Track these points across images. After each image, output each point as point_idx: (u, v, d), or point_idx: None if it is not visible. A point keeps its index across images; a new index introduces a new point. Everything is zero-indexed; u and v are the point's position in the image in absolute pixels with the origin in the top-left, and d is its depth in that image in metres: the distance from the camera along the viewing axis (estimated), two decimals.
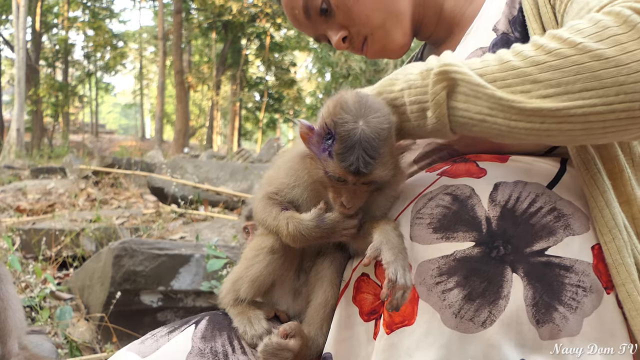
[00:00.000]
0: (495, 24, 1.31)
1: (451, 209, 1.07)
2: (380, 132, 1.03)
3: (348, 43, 1.49)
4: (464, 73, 1.00)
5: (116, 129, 57.66)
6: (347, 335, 1.15)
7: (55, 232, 4.46)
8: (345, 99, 1.06)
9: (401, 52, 1.51)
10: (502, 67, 0.99)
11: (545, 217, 1.06)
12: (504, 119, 0.98)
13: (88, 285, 3.51)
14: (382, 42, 1.47)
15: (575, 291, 1.01)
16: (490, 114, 0.99)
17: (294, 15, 1.49)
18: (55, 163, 12.71)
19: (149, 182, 6.97)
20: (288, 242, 1.17)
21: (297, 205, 1.21)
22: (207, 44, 31.07)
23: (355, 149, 1.01)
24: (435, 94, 1.02)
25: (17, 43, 19.11)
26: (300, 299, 1.30)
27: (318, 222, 1.12)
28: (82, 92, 36.85)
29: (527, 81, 0.96)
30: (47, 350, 1.94)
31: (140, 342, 1.25)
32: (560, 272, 1.02)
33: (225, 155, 14.24)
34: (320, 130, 1.07)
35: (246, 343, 1.22)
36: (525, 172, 1.13)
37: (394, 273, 0.99)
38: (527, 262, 1.01)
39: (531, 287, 1.00)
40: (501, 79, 0.98)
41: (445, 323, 0.99)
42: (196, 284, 3.38)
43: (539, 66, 0.96)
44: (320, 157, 1.07)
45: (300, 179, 1.19)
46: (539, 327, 0.99)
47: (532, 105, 0.95)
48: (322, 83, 22.40)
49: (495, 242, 1.03)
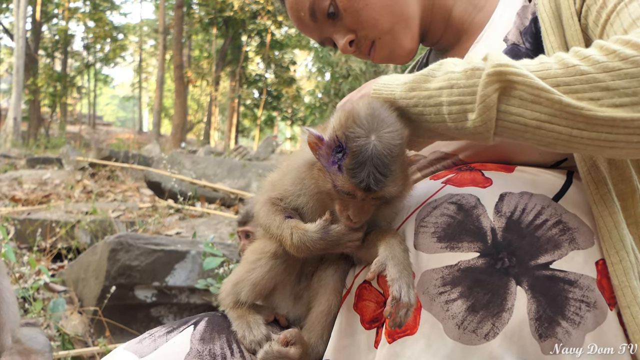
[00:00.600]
0: (507, 35, 1.30)
1: (456, 218, 1.06)
2: (393, 149, 1.00)
3: (355, 47, 1.46)
4: (523, 75, 0.94)
5: (113, 121, 57.48)
6: (347, 343, 1.14)
7: (51, 223, 4.44)
8: (357, 111, 1.03)
9: (408, 57, 1.49)
10: (567, 71, 0.93)
11: (550, 230, 1.05)
12: (565, 127, 0.92)
13: (82, 278, 3.50)
14: (390, 47, 1.45)
15: (579, 306, 1.01)
16: (550, 121, 0.93)
17: (299, 18, 1.45)
18: (51, 153, 12.66)
19: (146, 176, 6.95)
20: (291, 252, 1.15)
21: (302, 213, 1.19)
22: (208, 40, 31.02)
23: (367, 166, 0.99)
24: (485, 96, 0.96)
25: (16, 32, 19.03)
26: (300, 303, 1.29)
27: (323, 234, 1.10)
28: (81, 83, 36.77)
29: (598, 88, 0.90)
30: (41, 343, 1.92)
31: (137, 342, 1.24)
32: (565, 287, 1.01)
33: (223, 152, 14.21)
34: (330, 142, 1.04)
35: (244, 348, 1.21)
36: (531, 183, 1.12)
37: (398, 291, 0.98)
38: (532, 275, 1.01)
39: (535, 300, 0.99)
40: (565, 84, 0.92)
41: (447, 334, 0.99)
42: (191, 281, 3.37)
43: (613, 73, 0.90)
44: (329, 169, 1.04)
45: (306, 187, 1.17)
46: (541, 342, 0.99)
47: (604, 114, 0.89)
48: (321, 82, 22.38)
49: (500, 254, 1.02)
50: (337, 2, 1.39)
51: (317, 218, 1.12)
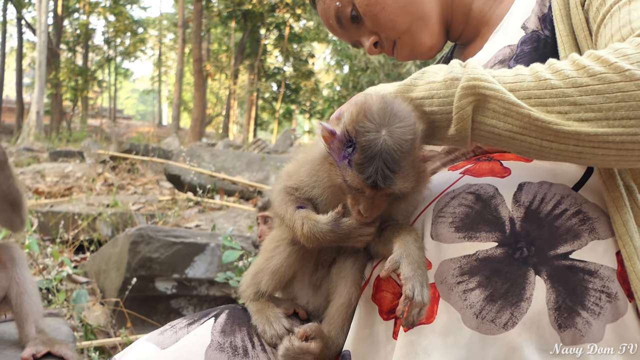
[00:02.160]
0: (525, 22, 1.30)
1: (474, 208, 1.06)
2: (403, 145, 0.99)
3: (379, 48, 1.54)
4: (495, 90, 0.98)
5: (133, 115, 58.12)
6: (366, 334, 1.14)
7: (73, 215, 4.51)
8: (369, 105, 1.02)
9: (431, 53, 1.54)
10: (538, 84, 0.97)
11: (570, 219, 1.04)
12: (535, 139, 0.97)
13: (104, 270, 3.55)
14: (410, 45, 1.51)
15: (599, 297, 1.00)
16: (521, 133, 0.97)
17: (330, 25, 1.56)
18: (73, 147, 12.84)
19: (166, 170, 7.02)
20: (302, 242, 1.15)
21: (316, 204, 1.20)
22: (226, 33, 31.07)
23: (375, 161, 0.98)
24: (460, 108, 1.00)
25: (39, 26, 19.28)
26: (319, 293, 1.29)
27: (333, 227, 1.10)
28: (101, 77, 37.12)
29: (566, 102, 0.94)
30: (64, 334, 1.95)
31: (159, 333, 1.25)
32: (585, 277, 1.00)
33: (241, 145, 14.27)
34: (341, 136, 1.03)
35: (265, 342, 1.22)
36: (551, 172, 1.12)
37: (411, 290, 0.98)
38: (551, 265, 1.00)
39: (554, 290, 0.99)
40: (536, 97, 0.96)
41: (466, 323, 0.98)
42: (210, 273, 3.40)
43: (581, 89, 0.94)
44: (340, 164, 1.04)
45: (321, 180, 1.17)
46: (561, 332, 0.98)
47: (570, 129, 0.93)
48: (339, 75, 22.34)
49: (519, 244, 1.02)
50: (358, 8, 1.48)
51: (330, 210, 1.13)
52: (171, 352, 1.19)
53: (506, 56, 1.25)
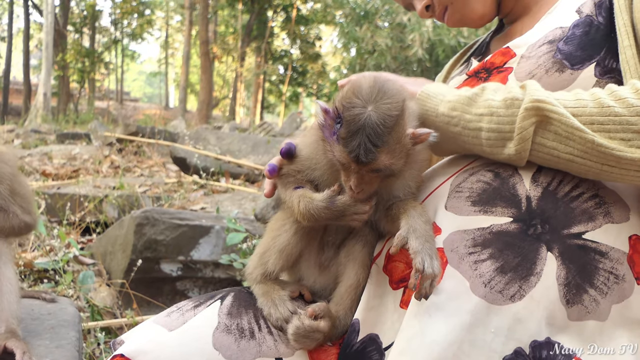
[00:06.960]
0: (580, 6, 1.28)
1: (492, 184, 1.09)
2: (387, 120, 1.01)
3: (431, 11, 1.54)
4: (559, 113, 1.02)
5: (140, 97, 58.08)
6: (376, 303, 1.17)
7: (80, 197, 4.54)
8: (360, 83, 1.05)
9: (481, 22, 1.53)
10: (601, 110, 1.01)
11: (586, 202, 1.07)
12: (596, 163, 1.01)
13: (110, 252, 3.58)
14: (461, 11, 1.50)
15: (608, 277, 1.02)
16: (582, 157, 1.02)
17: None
18: (80, 129, 12.87)
19: (172, 152, 7.03)
20: (299, 219, 1.18)
21: (318, 186, 1.22)
22: (234, 15, 30.84)
23: (358, 135, 1.01)
24: (522, 129, 1.04)
25: (45, 8, 19.21)
26: (326, 273, 1.30)
27: (328, 204, 1.13)
28: (108, 59, 37.05)
29: (630, 130, 0.99)
30: (70, 314, 1.97)
31: (166, 315, 1.26)
32: (595, 257, 1.03)
33: (248, 128, 14.25)
34: (332, 113, 1.06)
35: (271, 324, 1.23)
36: None
37: (421, 263, 1.00)
38: (563, 243, 1.02)
39: (565, 267, 1.01)
40: (599, 123, 1.01)
41: (473, 291, 1.01)
42: (215, 255, 3.42)
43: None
44: (330, 140, 1.07)
45: (320, 161, 1.19)
46: (569, 307, 1.00)
47: (633, 155, 0.99)
48: (347, 58, 22.16)
49: (534, 221, 1.04)
50: None
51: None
52: (179, 333, 1.20)
53: (556, 37, 1.24)
